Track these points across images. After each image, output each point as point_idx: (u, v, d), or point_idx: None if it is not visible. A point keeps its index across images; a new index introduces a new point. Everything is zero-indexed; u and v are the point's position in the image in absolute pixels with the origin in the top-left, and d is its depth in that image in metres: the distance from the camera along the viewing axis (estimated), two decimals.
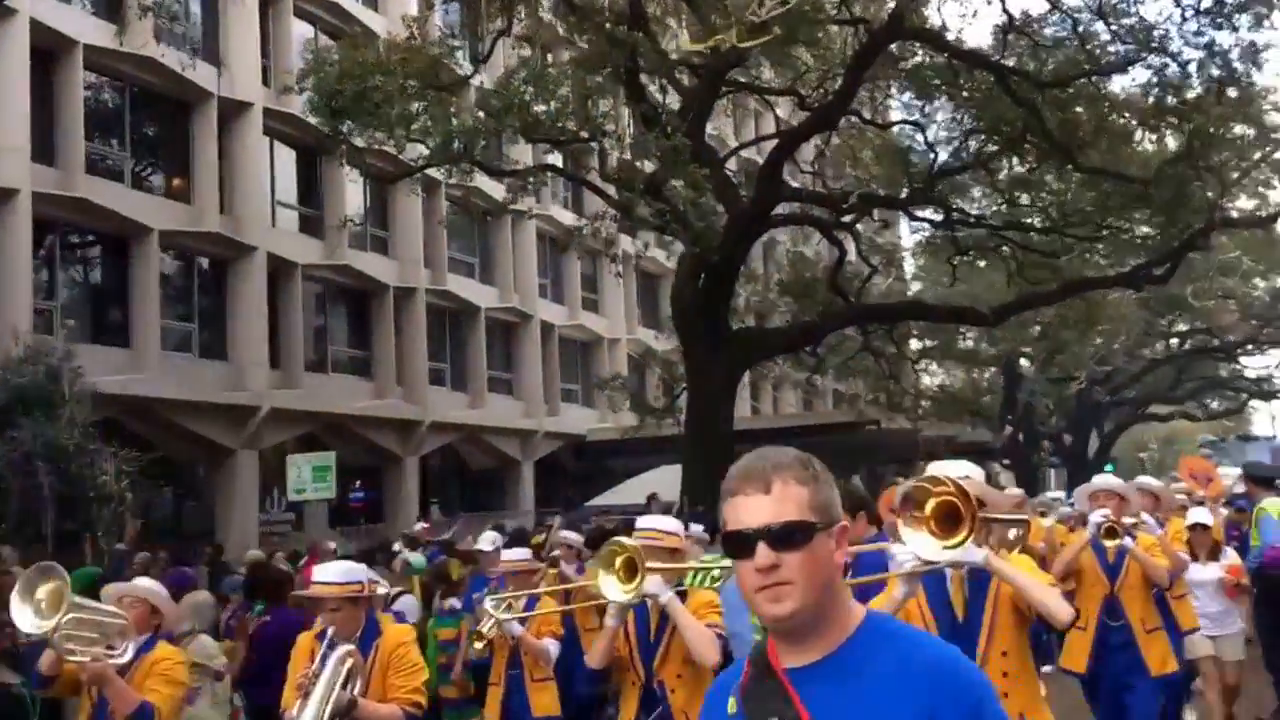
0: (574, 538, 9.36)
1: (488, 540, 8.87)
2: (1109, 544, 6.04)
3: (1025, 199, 20.45)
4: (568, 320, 32.49)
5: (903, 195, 19.80)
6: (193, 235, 21.39)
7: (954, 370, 34.09)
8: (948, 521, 3.15)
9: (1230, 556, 8.13)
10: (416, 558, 10.40)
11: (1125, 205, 18.93)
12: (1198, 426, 50.58)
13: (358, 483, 25.28)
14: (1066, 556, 6.34)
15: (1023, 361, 36.58)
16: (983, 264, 24.55)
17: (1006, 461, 37.32)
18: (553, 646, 6.29)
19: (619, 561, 4.08)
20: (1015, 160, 19.59)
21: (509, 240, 29.78)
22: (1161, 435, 61.04)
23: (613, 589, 4.07)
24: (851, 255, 20.54)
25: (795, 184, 19.90)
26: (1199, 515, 8.10)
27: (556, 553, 8.34)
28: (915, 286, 30.07)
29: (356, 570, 4.85)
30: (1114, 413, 44.97)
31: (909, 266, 29.59)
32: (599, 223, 17.60)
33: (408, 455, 25.97)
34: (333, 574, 4.74)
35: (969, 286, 25.76)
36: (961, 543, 3.13)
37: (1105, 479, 7.03)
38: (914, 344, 26.25)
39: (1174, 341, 42.05)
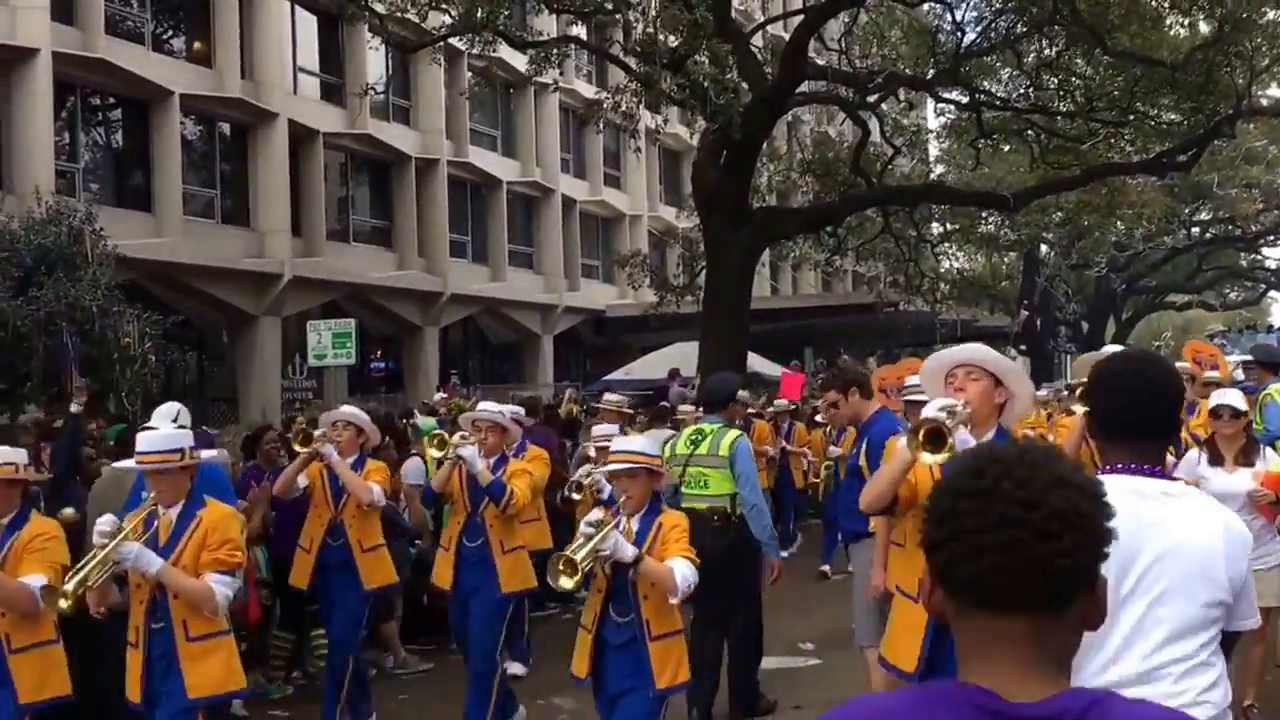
0: (618, 399, 9.90)
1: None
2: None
3: (1052, 82, 19.93)
4: (589, 196, 32.30)
5: (929, 76, 19.34)
6: (214, 100, 21.21)
7: (974, 254, 33.78)
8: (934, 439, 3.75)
9: (1271, 460, 5.93)
10: (426, 421, 10.53)
11: (1153, 90, 18.47)
12: (1215, 316, 50.29)
13: (378, 352, 25.50)
14: (1071, 441, 5.45)
15: (1043, 248, 36.21)
16: (1006, 148, 24.09)
17: (1023, 347, 37.25)
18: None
19: None
20: (1043, 42, 19.06)
21: (531, 113, 29.45)
22: (1178, 324, 60.70)
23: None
24: (875, 136, 20.18)
25: (821, 62, 19.41)
26: (1227, 396, 6.03)
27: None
28: (938, 170, 29.57)
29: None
30: (1131, 300, 44.70)
31: (932, 150, 29.06)
32: (620, 96, 17.29)
33: (428, 326, 26.12)
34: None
35: (992, 170, 25.34)
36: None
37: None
38: (935, 227, 25.92)
39: (1195, 230, 41.50)
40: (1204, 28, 18.94)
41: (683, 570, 4.55)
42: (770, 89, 16.27)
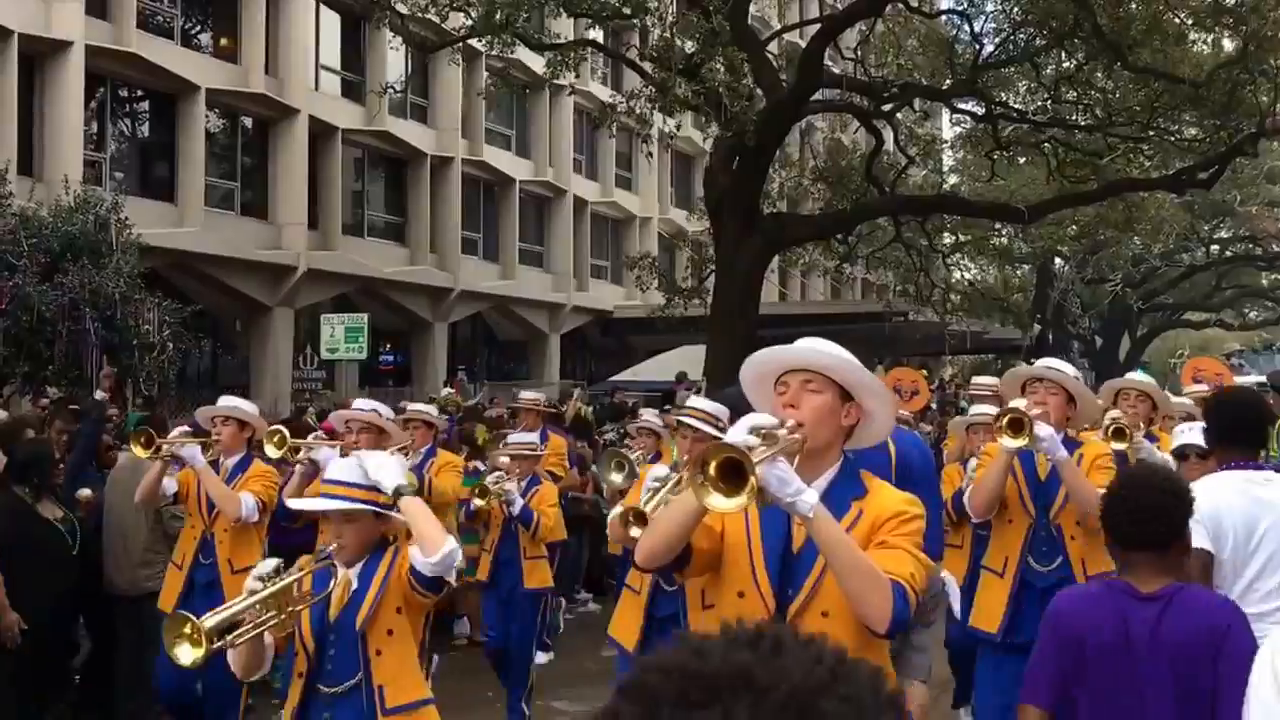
0: (534, 396, 10.18)
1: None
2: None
3: (1071, 96, 20.16)
4: (600, 197, 32.59)
5: (945, 86, 19.62)
6: (238, 95, 21.76)
7: (987, 267, 34.04)
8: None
9: None
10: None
11: (1174, 106, 18.63)
12: (1233, 335, 50.35)
13: (388, 345, 25.89)
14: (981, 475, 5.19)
15: (1057, 261, 36.41)
16: (1022, 160, 24.33)
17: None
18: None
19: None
20: (1063, 56, 19.28)
21: (546, 114, 29.77)
22: (1195, 342, 60.69)
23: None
24: (889, 145, 20.47)
25: (836, 70, 19.74)
26: (1193, 435, 5.13)
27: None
28: (951, 180, 29.84)
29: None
30: (1147, 317, 44.77)
31: (947, 160, 29.32)
32: (634, 100, 17.62)
33: (438, 321, 26.53)
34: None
35: (1007, 182, 25.61)
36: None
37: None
38: (947, 238, 26.21)
39: (1214, 248, 41.61)
40: (1228, 45, 19.11)
41: None
42: (785, 96, 16.59)
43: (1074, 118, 20.40)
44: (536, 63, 21.92)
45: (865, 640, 2.59)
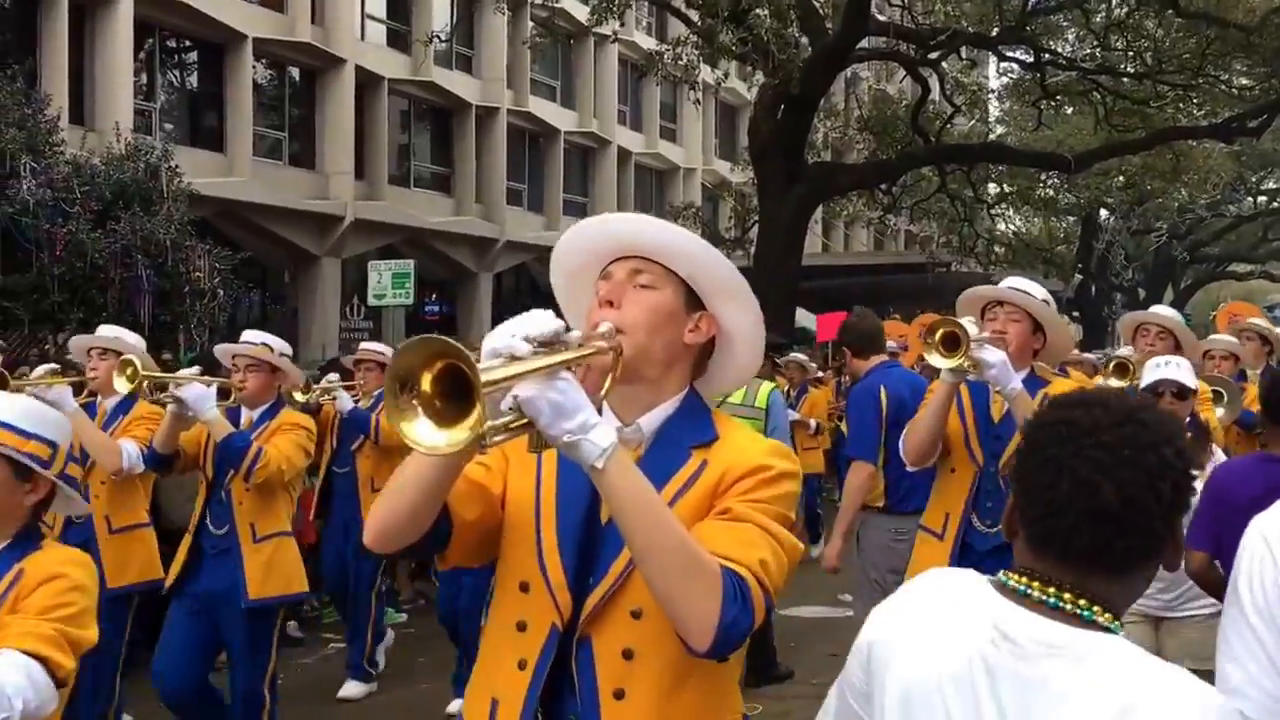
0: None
1: None
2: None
3: (1120, 43, 19.58)
4: (645, 148, 32.25)
5: (993, 33, 19.09)
6: (285, 44, 21.59)
7: (1031, 217, 33.37)
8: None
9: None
10: None
11: (1225, 54, 18.10)
12: (1277, 287, 49.23)
13: (433, 295, 25.82)
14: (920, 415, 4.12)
15: (1103, 212, 35.64)
16: (1070, 109, 23.72)
17: (1076, 314, 36.82)
18: None
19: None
20: (1113, 2, 18.72)
21: (591, 65, 29.41)
22: (1239, 294, 59.47)
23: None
24: (935, 95, 19.98)
25: (883, 18, 19.23)
26: (1170, 370, 4.26)
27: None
28: (998, 130, 29.17)
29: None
30: (1192, 269, 43.87)
31: (993, 110, 28.65)
32: (680, 49, 17.28)
33: (482, 271, 26.46)
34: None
35: (1053, 132, 24.98)
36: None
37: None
38: (991, 188, 25.64)
39: (1261, 199, 40.58)
40: None
41: None
42: (831, 44, 16.19)
43: (1123, 65, 19.83)
44: (581, 11, 21.56)
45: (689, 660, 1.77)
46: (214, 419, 4.68)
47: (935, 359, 3.74)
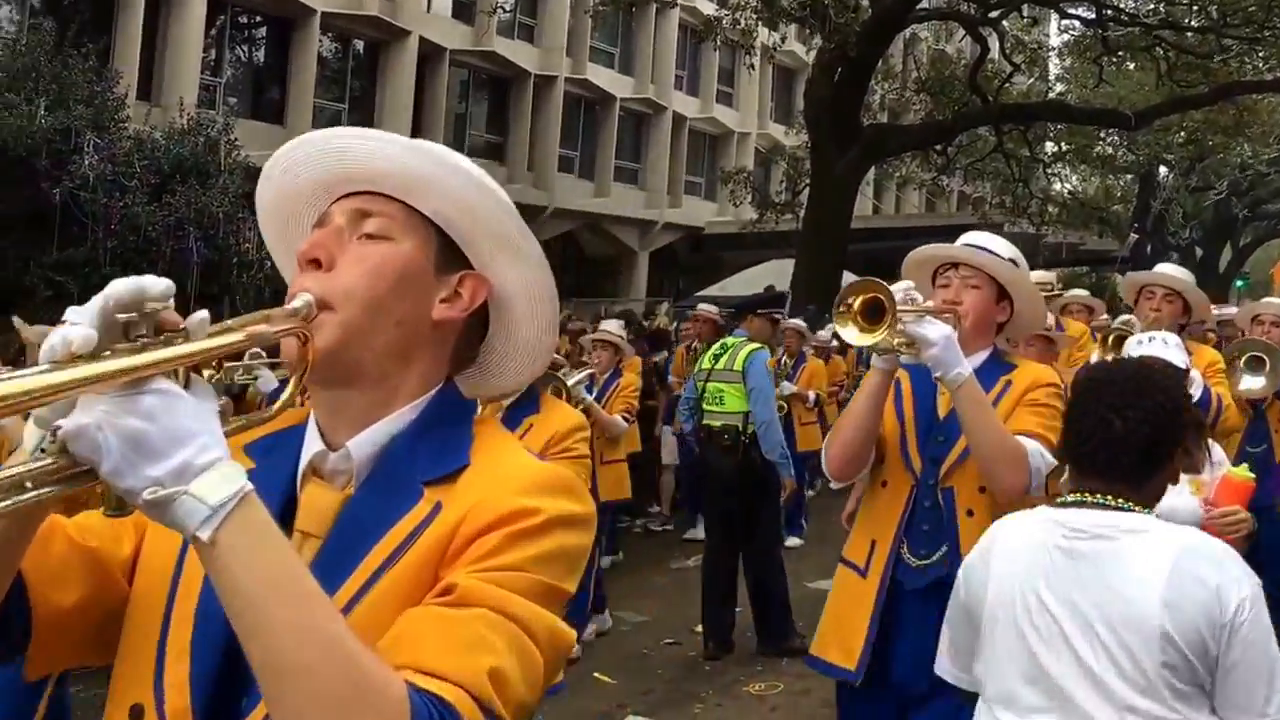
0: (616, 333, 7.87)
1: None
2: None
3: None
4: (700, 113, 31.64)
5: None
6: (352, 18, 21.39)
7: (1088, 176, 32.29)
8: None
9: (1221, 464, 3.44)
10: None
11: None
12: None
13: None
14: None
15: (1161, 170, 34.41)
16: (1131, 65, 22.76)
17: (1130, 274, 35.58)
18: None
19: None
20: None
21: (651, 30, 28.90)
22: None
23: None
24: (994, 53, 19.23)
25: None
26: (1147, 348, 3.58)
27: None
28: (1058, 88, 28.12)
29: None
30: (1251, 227, 42.30)
31: (1053, 68, 27.62)
32: (739, 13, 16.74)
33: None
34: None
35: (1114, 88, 24.01)
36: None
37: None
38: (1049, 147, 24.75)
39: None
40: None
41: None
42: (890, 4, 15.55)
43: (1187, 19, 18.93)
44: None
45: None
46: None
47: (850, 333, 2.73)
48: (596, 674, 6.04)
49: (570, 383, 6.02)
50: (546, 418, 3.30)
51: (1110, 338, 4.62)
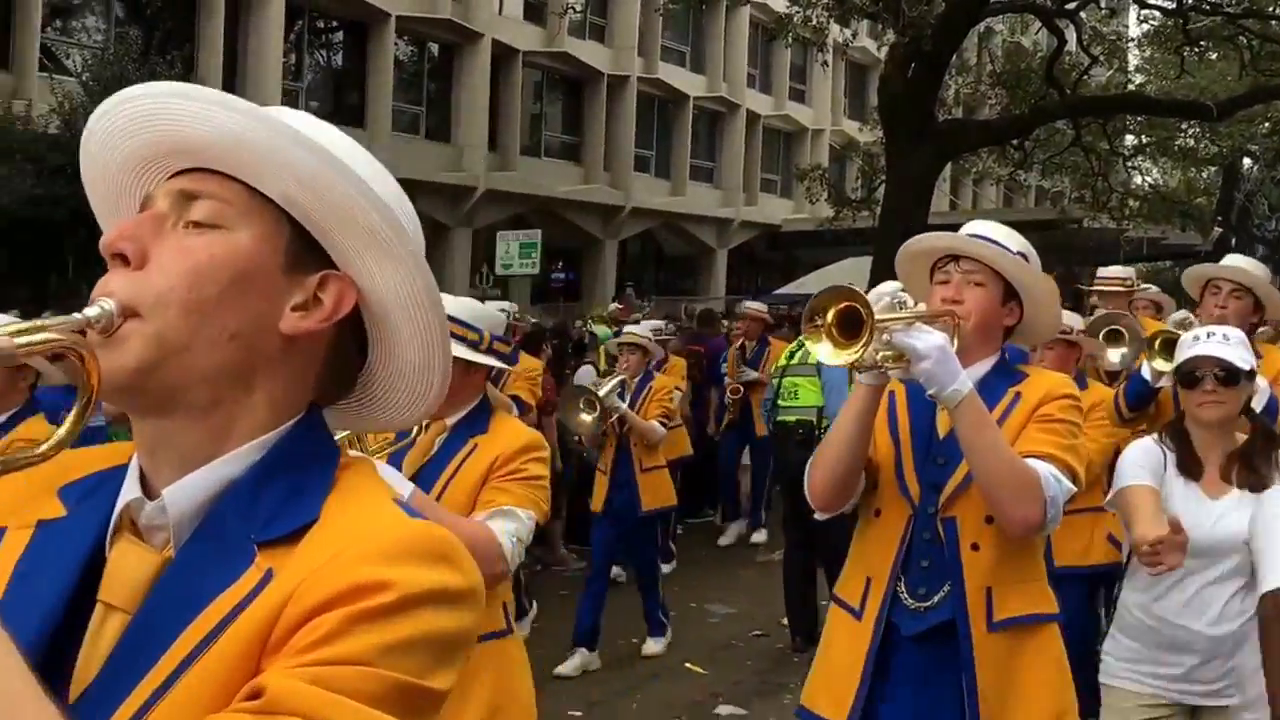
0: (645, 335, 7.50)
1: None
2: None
3: None
4: (773, 110, 31.40)
5: None
6: (426, 21, 21.56)
7: (1170, 169, 31.25)
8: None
9: None
10: (603, 330, 10.36)
11: None
12: None
13: (559, 263, 25.64)
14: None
15: (1245, 161, 33.20)
16: (1214, 55, 21.92)
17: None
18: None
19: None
20: None
21: (721, 29, 28.72)
22: None
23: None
24: (1071, 45, 18.64)
25: None
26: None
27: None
28: (1137, 79, 27.25)
29: None
30: None
31: (1132, 59, 26.76)
32: (811, 10, 16.44)
33: (608, 239, 26.16)
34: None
35: (1196, 79, 23.17)
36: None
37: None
38: (1129, 140, 23.98)
39: None
40: None
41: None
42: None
43: (1272, 8, 18.19)
44: None
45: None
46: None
47: (824, 351, 2.29)
48: (688, 664, 6.19)
49: (601, 393, 5.91)
50: (493, 438, 2.74)
51: (1158, 341, 4.01)
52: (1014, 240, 2.68)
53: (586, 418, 5.83)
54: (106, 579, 0.95)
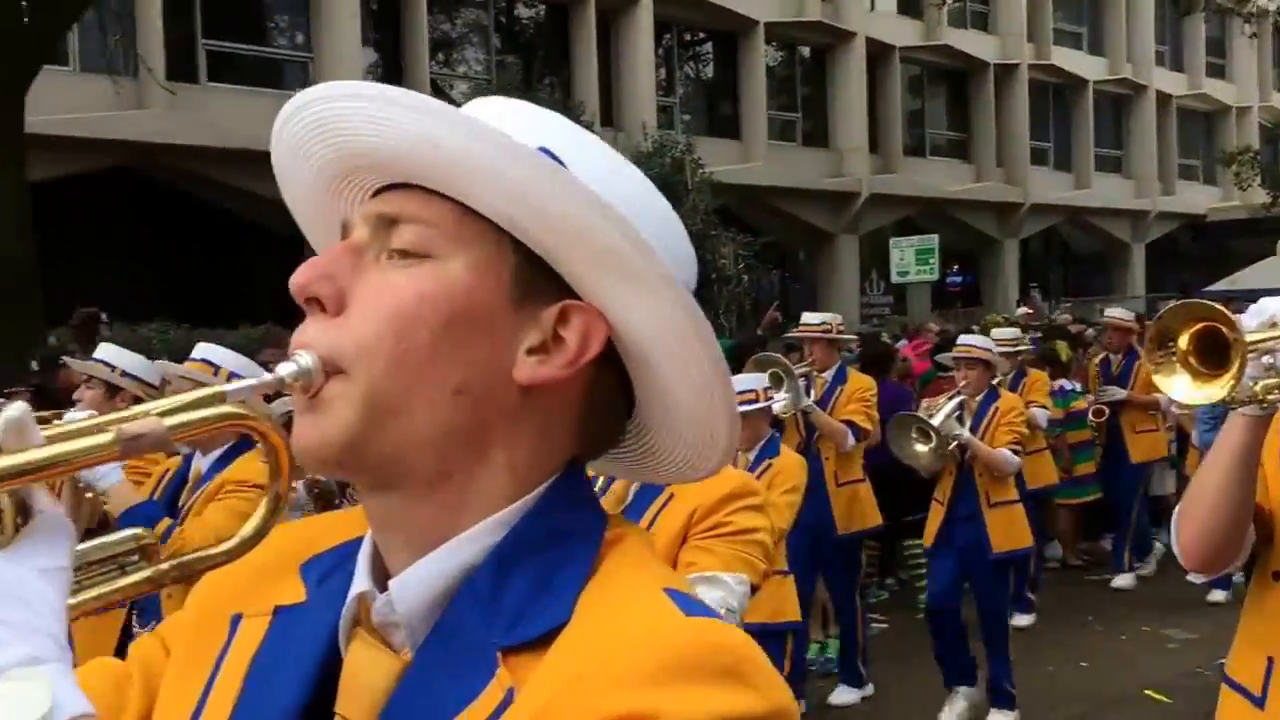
0: (983, 346, 6.14)
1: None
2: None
3: None
4: (1187, 90, 28.13)
5: None
6: (795, 25, 20.84)
7: None
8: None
9: None
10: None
11: None
12: None
13: (955, 266, 24.03)
14: None
15: None
16: None
17: None
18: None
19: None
20: None
21: (1123, 5, 26.17)
22: None
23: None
24: None
25: None
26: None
27: None
28: None
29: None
30: None
31: None
32: None
33: (1006, 238, 24.32)
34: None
35: None
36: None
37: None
38: None
39: None
40: None
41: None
42: None
43: None
44: None
45: None
46: (112, 484, 2.93)
47: (1179, 386, 1.75)
48: (1148, 691, 5.84)
49: (936, 421, 5.05)
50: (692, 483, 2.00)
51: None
52: None
53: (921, 448, 5.12)
54: (343, 688, 0.77)
